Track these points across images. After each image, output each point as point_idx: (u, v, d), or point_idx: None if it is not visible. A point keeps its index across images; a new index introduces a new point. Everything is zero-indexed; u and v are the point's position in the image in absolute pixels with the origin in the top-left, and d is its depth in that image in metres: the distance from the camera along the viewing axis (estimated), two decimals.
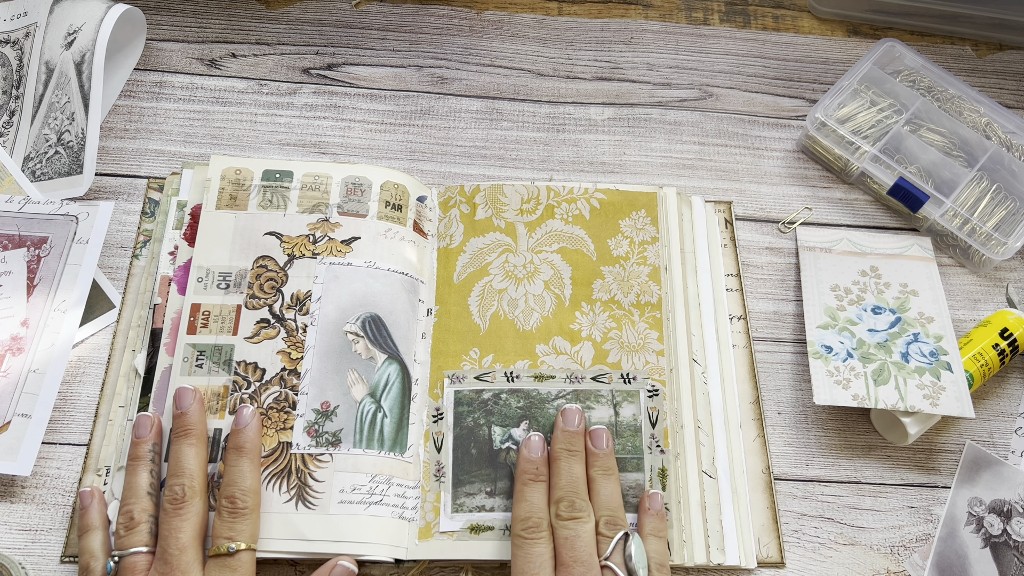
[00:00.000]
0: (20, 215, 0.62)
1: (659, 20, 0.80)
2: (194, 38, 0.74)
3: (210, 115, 0.70)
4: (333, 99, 0.72)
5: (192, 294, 0.58)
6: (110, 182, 0.66)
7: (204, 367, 0.56)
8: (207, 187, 0.61)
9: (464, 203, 0.65)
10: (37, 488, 0.55)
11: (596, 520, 0.51)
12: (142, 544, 0.48)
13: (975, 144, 0.69)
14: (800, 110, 0.75)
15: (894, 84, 0.71)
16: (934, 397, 0.58)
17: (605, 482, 0.52)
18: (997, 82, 0.78)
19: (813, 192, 0.71)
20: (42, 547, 0.53)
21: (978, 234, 0.66)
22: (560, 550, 0.49)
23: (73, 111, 0.65)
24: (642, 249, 0.63)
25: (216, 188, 0.61)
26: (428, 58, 0.75)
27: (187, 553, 0.47)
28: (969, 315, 0.67)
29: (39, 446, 0.54)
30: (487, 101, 0.73)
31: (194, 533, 0.48)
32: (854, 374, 0.60)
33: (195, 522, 0.49)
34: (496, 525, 0.54)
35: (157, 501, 0.51)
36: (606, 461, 0.53)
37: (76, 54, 0.66)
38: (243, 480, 0.50)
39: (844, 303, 0.64)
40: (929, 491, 0.60)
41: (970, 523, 0.58)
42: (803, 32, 0.80)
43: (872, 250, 0.67)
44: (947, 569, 0.56)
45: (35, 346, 0.57)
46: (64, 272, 0.60)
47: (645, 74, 0.76)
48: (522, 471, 0.53)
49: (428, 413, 0.58)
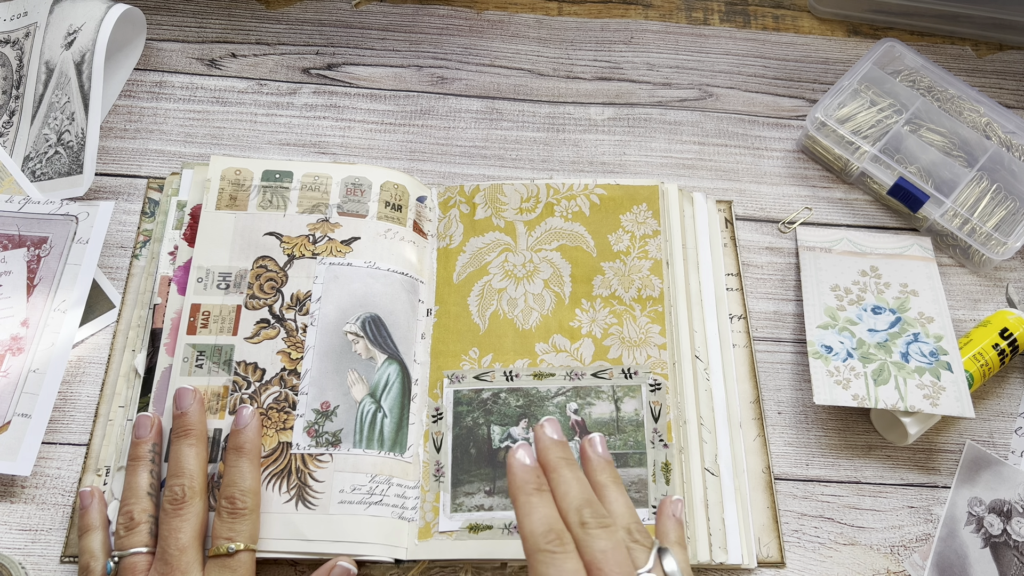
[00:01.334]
0: (20, 215, 0.62)
1: (659, 20, 0.80)
2: (194, 38, 0.74)
3: (210, 115, 0.70)
4: (333, 99, 0.72)
5: (192, 294, 0.58)
6: (110, 182, 0.66)
7: (204, 367, 0.56)
8: (207, 187, 0.61)
9: (464, 203, 0.65)
10: (37, 488, 0.55)
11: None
12: (142, 544, 0.48)
13: (975, 144, 0.69)
14: (800, 110, 0.75)
15: (894, 84, 0.71)
16: (934, 397, 0.58)
17: (617, 489, 0.47)
18: (997, 82, 0.78)
19: (813, 192, 0.71)
20: (42, 547, 0.53)
21: (978, 234, 0.66)
22: (595, 563, 0.42)
23: (73, 111, 0.65)
24: (643, 243, 0.63)
25: (216, 188, 0.61)
26: (428, 58, 0.75)
27: (187, 553, 0.47)
28: (969, 315, 0.67)
29: (39, 446, 0.54)
30: (487, 101, 0.73)
31: (194, 533, 0.48)
32: (854, 374, 0.60)
33: (195, 522, 0.49)
34: (495, 524, 0.54)
35: (157, 501, 0.51)
36: (612, 468, 0.49)
37: (76, 54, 0.66)
38: (243, 480, 0.50)
39: (844, 303, 0.64)
40: (929, 491, 0.60)
41: (970, 523, 0.58)
42: (803, 32, 0.80)
43: (872, 250, 0.67)
44: (947, 569, 0.56)
45: (35, 346, 0.57)
46: (64, 272, 0.60)
47: (645, 74, 0.76)
48: (523, 482, 0.45)
49: (428, 413, 0.58)
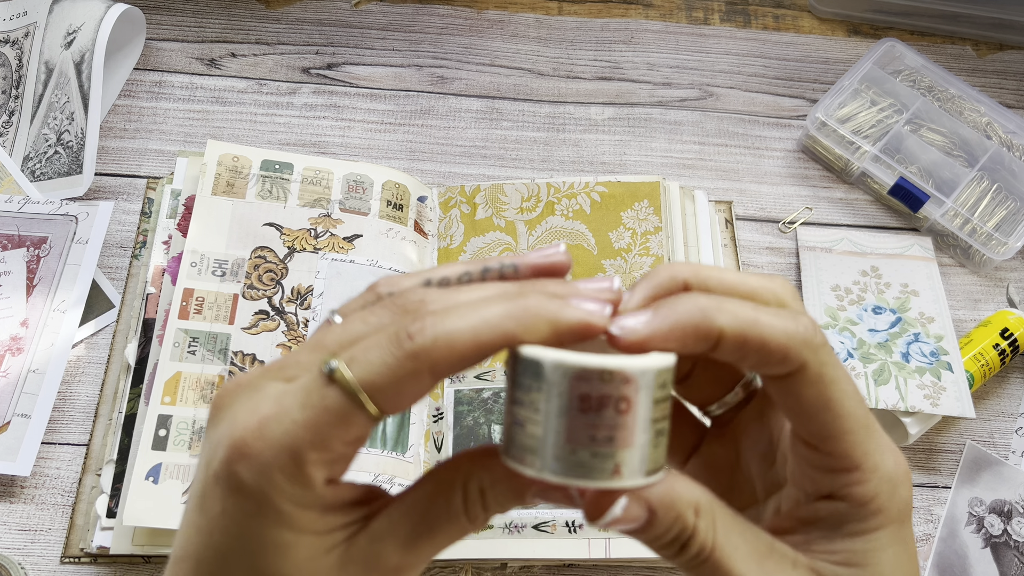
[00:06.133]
0: (19, 215, 0.62)
1: (659, 20, 0.79)
2: (194, 38, 0.74)
3: (210, 115, 0.70)
4: (333, 99, 0.72)
5: (185, 278, 0.57)
6: (109, 182, 0.66)
7: (197, 354, 0.55)
8: (203, 171, 0.61)
9: (464, 203, 0.65)
10: (37, 488, 0.55)
11: None
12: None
13: (975, 144, 0.69)
14: (800, 110, 0.75)
15: (894, 84, 0.71)
16: (934, 397, 0.58)
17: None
18: (998, 82, 0.78)
19: (813, 192, 0.71)
20: (42, 547, 0.53)
21: (979, 234, 0.66)
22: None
23: (73, 111, 0.65)
24: (644, 240, 0.63)
25: (212, 173, 0.61)
26: (428, 58, 0.75)
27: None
28: (970, 315, 0.67)
29: (39, 446, 0.54)
30: (487, 101, 0.73)
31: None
32: (855, 374, 0.60)
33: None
34: (495, 523, 0.54)
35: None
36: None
37: (76, 54, 0.66)
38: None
39: (844, 303, 0.64)
40: (929, 491, 0.60)
41: (970, 523, 0.58)
42: (803, 32, 0.80)
43: (872, 250, 0.67)
44: (947, 569, 0.56)
45: (35, 346, 0.57)
46: (64, 272, 0.60)
47: (645, 74, 0.76)
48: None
49: (428, 413, 0.58)
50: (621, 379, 0.22)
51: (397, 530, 0.24)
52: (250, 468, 0.22)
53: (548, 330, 0.22)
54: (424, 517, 0.24)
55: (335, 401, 0.22)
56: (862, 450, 0.25)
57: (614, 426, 0.22)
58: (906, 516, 0.26)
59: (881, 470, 0.25)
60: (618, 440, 0.22)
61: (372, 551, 0.24)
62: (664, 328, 0.23)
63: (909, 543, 0.26)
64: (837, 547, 0.25)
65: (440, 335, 0.22)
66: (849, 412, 0.24)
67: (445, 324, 0.22)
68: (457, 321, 0.22)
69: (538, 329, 0.22)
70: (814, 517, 0.26)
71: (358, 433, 0.23)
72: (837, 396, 0.24)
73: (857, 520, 0.25)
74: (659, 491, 0.23)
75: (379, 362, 0.22)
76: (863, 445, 0.25)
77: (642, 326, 0.23)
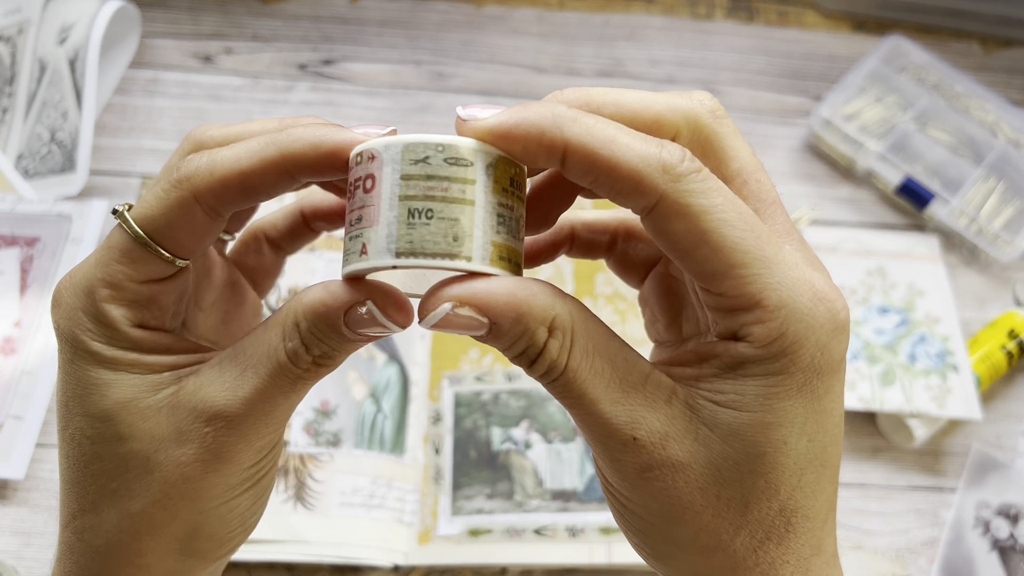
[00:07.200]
0: (13, 214, 0.61)
1: (662, 15, 0.79)
2: (189, 34, 0.73)
3: (205, 112, 0.69)
4: (330, 95, 0.71)
5: None
6: (104, 180, 0.65)
7: None
8: None
9: None
10: (30, 491, 0.54)
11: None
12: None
13: (982, 142, 0.68)
14: (805, 107, 0.74)
15: (900, 81, 0.70)
16: (941, 399, 0.58)
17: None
18: (1004, 79, 0.77)
19: (819, 190, 0.70)
20: (35, 551, 0.53)
21: (985, 233, 0.65)
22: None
23: (66, 108, 0.64)
24: None
25: None
26: (426, 54, 0.74)
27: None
28: (976, 316, 0.66)
29: (32, 449, 0.54)
30: (487, 98, 0.73)
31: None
32: (860, 375, 0.59)
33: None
34: (495, 528, 0.53)
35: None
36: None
37: (70, 51, 0.65)
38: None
39: (851, 303, 0.63)
40: (936, 494, 0.59)
41: (977, 526, 0.57)
42: (808, 27, 0.79)
43: (878, 250, 0.66)
44: (954, 573, 0.56)
45: (28, 347, 0.56)
46: (57, 272, 0.59)
47: (648, 70, 0.75)
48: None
49: (427, 415, 0.57)
50: (368, 156, 0.22)
51: (224, 373, 0.24)
52: (61, 313, 0.24)
53: (311, 152, 0.23)
54: (249, 358, 0.24)
55: (117, 238, 0.24)
56: (759, 284, 0.22)
57: (364, 205, 0.22)
58: (826, 368, 0.22)
59: (790, 307, 0.22)
60: (365, 219, 0.22)
61: (199, 394, 0.24)
62: (508, 124, 0.22)
63: (825, 401, 0.23)
64: (727, 387, 0.22)
65: (203, 164, 0.23)
66: (733, 244, 0.21)
67: (212, 156, 0.23)
68: (223, 152, 0.23)
69: (300, 152, 0.23)
70: (711, 353, 0.23)
71: (148, 272, 0.24)
72: (714, 227, 0.21)
73: (756, 362, 0.22)
74: (502, 299, 0.21)
75: (151, 196, 0.24)
76: (761, 279, 0.22)
77: (488, 115, 0.22)
